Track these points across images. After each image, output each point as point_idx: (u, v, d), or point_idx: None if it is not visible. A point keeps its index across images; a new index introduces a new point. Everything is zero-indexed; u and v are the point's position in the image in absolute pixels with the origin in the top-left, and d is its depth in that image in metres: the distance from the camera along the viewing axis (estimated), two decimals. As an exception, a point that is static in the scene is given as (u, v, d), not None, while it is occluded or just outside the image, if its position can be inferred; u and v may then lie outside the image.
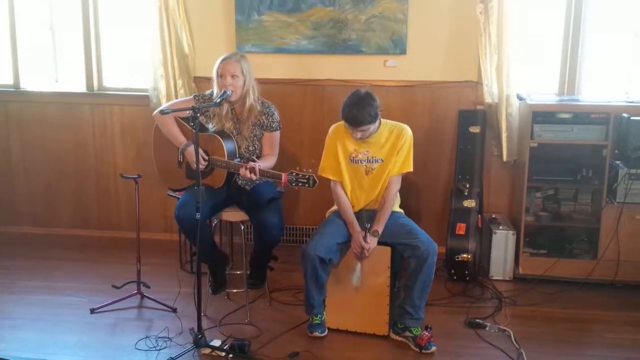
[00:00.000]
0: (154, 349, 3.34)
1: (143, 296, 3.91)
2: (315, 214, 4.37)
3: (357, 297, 3.50)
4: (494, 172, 4.65)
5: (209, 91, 3.79)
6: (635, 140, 3.92)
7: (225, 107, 3.70)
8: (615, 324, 3.70)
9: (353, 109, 3.34)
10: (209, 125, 3.75)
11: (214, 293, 3.95)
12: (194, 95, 3.82)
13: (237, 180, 3.70)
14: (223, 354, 3.25)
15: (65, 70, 5.14)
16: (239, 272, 4.13)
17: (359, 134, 3.43)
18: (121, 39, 4.97)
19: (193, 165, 3.54)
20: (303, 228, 4.88)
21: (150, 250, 4.47)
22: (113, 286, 3.97)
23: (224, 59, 3.65)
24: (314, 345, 3.42)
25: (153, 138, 3.92)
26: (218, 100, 3.49)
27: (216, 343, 3.31)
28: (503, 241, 4.24)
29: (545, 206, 4.36)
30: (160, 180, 4.00)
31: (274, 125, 3.77)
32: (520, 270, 4.24)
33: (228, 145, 3.64)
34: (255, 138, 3.75)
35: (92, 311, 3.77)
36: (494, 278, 4.28)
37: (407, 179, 3.95)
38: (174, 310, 3.76)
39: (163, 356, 3.25)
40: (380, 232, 3.46)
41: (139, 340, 3.43)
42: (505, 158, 4.45)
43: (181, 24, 4.57)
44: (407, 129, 3.56)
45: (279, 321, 3.67)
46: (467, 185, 4.38)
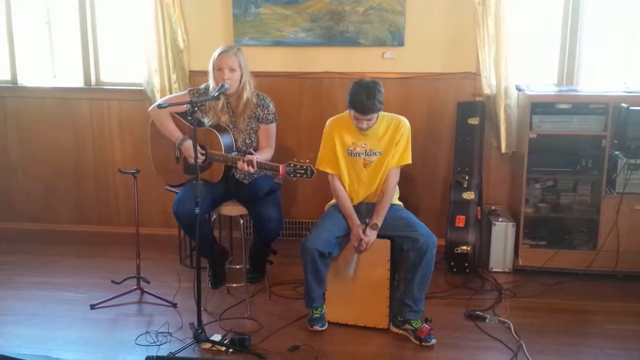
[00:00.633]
0: (154, 344, 3.34)
1: (143, 291, 3.91)
2: (314, 207, 4.37)
3: (357, 291, 3.50)
4: (493, 164, 4.64)
5: (204, 85, 3.78)
6: (634, 130, 3.91)
7: (221, 101, 3.68)
8: (615, 315, 3.70)
9: (363, 97, 3.31)
10: (205, 120, 3.74)
11: (214, 287, 3.95)
12: (189, 90, 3.81)
13: (235, 174, 3.69)
14: (223, 349, 3.25)
15: (62, 66, 5.12)
16: (238, 267, 4.12)
17: (365, 124, 3.41)
18: (118, 34, 4.94)
19: (190, 160, 3.53)
20: (302, 222, 4.87)
21: (150, 245, 4.48)
22: (113, 282, 3.97)
23: (221, 53, 3.63)
24: (314, 339, 3.42)
25: (149, 134, 3.91)
26: (216, 94, 3.47)
27: (216, 337, 3.32)
28: (502, 233, 4.24)
29: (544, 197, 4.35)
30: (158, 177, 3.99)
31: (269, 118, 3.76)
32: (520, 262, 4.23)
33: (225, 139, 3.63)
34: (251, 131, 3.74)
35: (92, 307, 3.77)
36: (493, 270, 4.28)
37: (406, 172, 3.94)
38: (174, 305, 3.77)
39: (163, 351, 3.25)
40: (379, 225, 3.45)
41: (139, 336, 3.43)
42: (503, 150, 4.44)
43: (176, 19, 4.55)
44: (405, 121, 3.55)
45: (279, 315, 3.67)
46: (466, 177, 4.37)
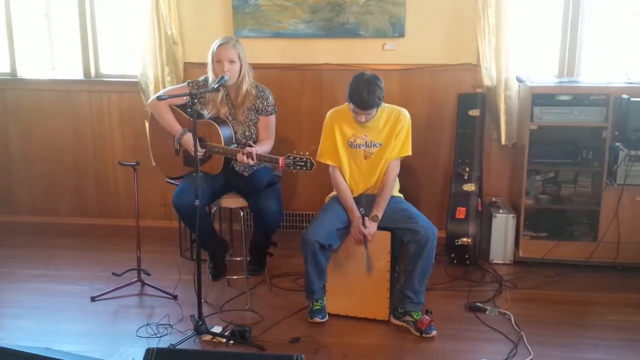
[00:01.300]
0: (154, 336, 3.35)
1: (143, 284, 3.91)
2: (315, 199, 4.36)
3: (358, 283, 3.50)
4: (493, 156, 4.63)
5: (202, 77, 3.76)
6: (635, 122, 3.90)
7: (220, 93, 3.67)
8: (616, 306, 3.70)
9: (363, 92, 3.30)
10: (204, 112, 3.73)
11: (214, 280, 3.95)
12: (188, 82, 3.79)
13: (235, 166, 3.68)
14: (224, 341, 3.25)
15: (61, 58, 5.10)
16: (239, 259, 4.13)
17: (364, 118, 3.40)
18: (117, 25, 4.92)
19: (191, 152, 3.52)
20: (302, 214, 4.87)
21: (150, 237, 4.48)
22: (113, 274, 3.98)
23: (220, 44, 3.61)
24: (315, 330, 3.42)
25: (149, 127, 3.90)
26: (216, 86, 3.46)
27: (217, 329, 3.32)
28: (503, 224, 4.24)
29: (545, 189, 4.34)
30: (158, 169, 3.98)
31: (269, 109, 3.74)
32: (521, 254, 4.23)
33: (225, 131, 3.62)
34: (251, 123, 3.73)
35: (93, 299, 3.78)
36: (494, 261, 4.28)
37: (407, 164, 3.93)
38: (175, 297, 3.77)
39: (164, 343, 3.25)
40: (379, 217, 3.45)
41: (140, 328, 3.43)
42: (503, 141, 4.43)
43: (170, 11, 4.52)
44: (405, 113, 3.54)
45: (280, 307, 3.67)
46: (467, 169, 4.36)
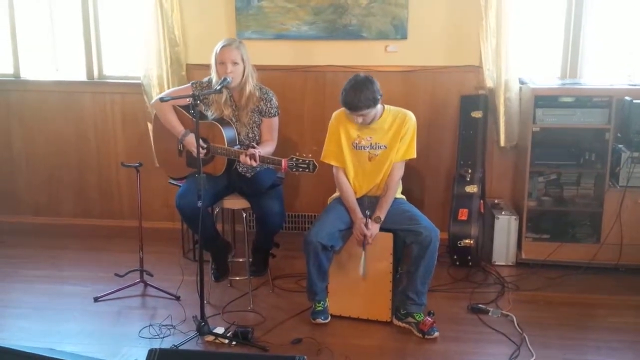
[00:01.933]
0: (157, 337, 3.35)
1: (146, 284, 3.92)
2: (317, 200, 4.37)
3: (360, 284, 3.50)
4: (496, 157, 4.63)
5: (206, 78, 3.77)
6: (638, 124, 3.89)
7: (224, 94, 3.67)
8: (618, 308, 3.70)
9: (351, 93, 3.32)
10: (208, 113, 3.73)
11: (217, 281, 3.95)
12: (192, 83, 3.80)
13: (238, 167, 3.68)
14: (226, 341, 3.25)
15: (65, 59, 5.11)
16: (241, 260, 4.13)
17: (360, 119, 3.41)
18: (121, 27, 4.93)
19: (193, 153, 3.53)
20: (305, 215, 4.87)
21: (153, 238, 4.48)
22: (116, 275, 3.98)
23: (223, 46, 3.62)
24: (317, 331, 3.42)
25: (152, 128, 3.91)
26: (218, 87, 3.46)
27: (219, 330, 3.32)
28: (505, 226, 4.24)
29: (547, 191, 4.34)
30: (161, 170, 3.99)
31: (272, 111, 3.75)
32: (523, 255, 4.23)
33: (228, 133, 3.62)
34: (254, 124, 3.73)
35: (96, 300, 3.78)
36: (496, 263, 4.28)
37: (409, 165, 3.93)
38: (177, 298, 3.77)
39: (167, 344, 3.26)
40: (382, 219, 3.45)
41: (143, 328, 3.43)
42: (502, 143, 4.43)
43: (173, 13, 4.53)
44: (411, 115, 3.54)
45: (282, 308, 3.68)
46: (470, 171, 4.36)
